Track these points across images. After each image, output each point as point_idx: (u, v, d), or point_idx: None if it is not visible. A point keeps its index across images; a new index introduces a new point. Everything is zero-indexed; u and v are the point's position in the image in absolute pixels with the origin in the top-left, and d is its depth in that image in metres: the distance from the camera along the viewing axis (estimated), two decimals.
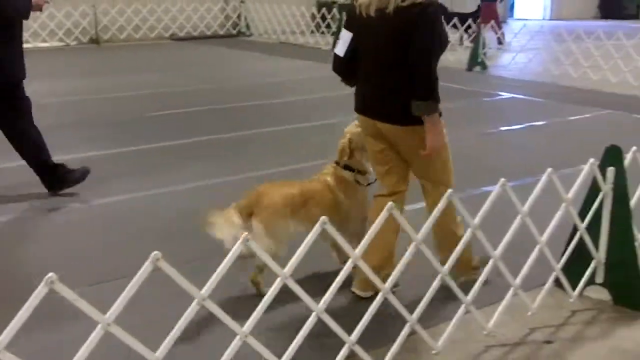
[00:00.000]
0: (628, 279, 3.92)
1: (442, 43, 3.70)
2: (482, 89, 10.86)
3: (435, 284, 3.18)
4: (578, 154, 7.03)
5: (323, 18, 16.53)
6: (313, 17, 17.03)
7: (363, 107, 3.92)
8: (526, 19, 23.02)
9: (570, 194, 3.72)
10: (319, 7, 17.56)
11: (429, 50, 3.57)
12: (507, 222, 3.51)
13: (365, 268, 2.90)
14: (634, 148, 4.09)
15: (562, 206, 3.71)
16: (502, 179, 3.42)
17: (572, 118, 8.88)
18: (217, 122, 8.53)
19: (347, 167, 4.14)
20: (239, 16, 17.67)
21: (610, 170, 3.85)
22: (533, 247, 3.61)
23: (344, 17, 4.20)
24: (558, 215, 3.70)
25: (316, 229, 2.66)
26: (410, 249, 3.04)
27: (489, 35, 13.23)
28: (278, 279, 2.63)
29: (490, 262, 3.46)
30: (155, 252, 2.24)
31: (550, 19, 24.33)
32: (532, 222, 3.52)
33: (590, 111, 9.22)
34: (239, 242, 2.47)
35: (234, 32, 17.62)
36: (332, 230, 2.74)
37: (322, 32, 16.60)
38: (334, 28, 15.88)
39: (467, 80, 11.53)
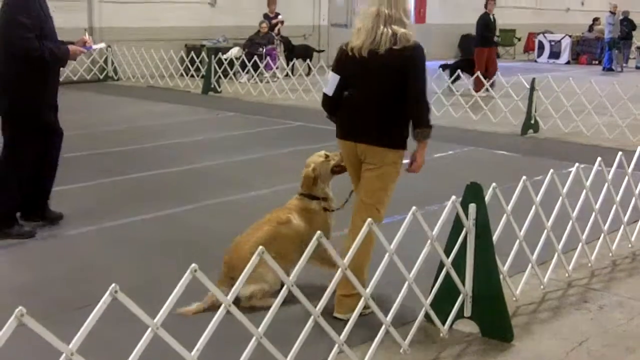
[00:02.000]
0: (494, 311, 4.07)
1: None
2: None
3: (309, 324, 3.19)
4: (443, 191, 7.28)
5: (192, 61, 16.46)
6: (182, 60, 16.93)
7: (349, 133, 4.41)
8: None
9: (435, 231, 3.84)
10: (188, 50, 17.46)
11: (424, 88, 4.26)
12: (377, 260, 3.57)
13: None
14: (494, 184, 4.27)
15: (427, 243, 3.81)
16: (369, 219, 3.48)
17: (437, 155, 9.17)
18: (82, 169, 8.24)
19: (312, 197, 4.58)
20: (105, 60, 17.31)
21: (472, 207, 4.00)
22: (404, 283, 3.68)
23: (336, 57, 4.52)
24: (424, 252, 3.81)
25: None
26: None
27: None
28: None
29: (362, 301, 3.51)
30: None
31: None
32: (402, 258, 3.60)
33: (454, 148, 9.58)
34: None
35: (101, 76, 17.24)
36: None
37: (192, 76, 16.50)
38: (203, 71, 15.81)
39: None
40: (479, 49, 15.40)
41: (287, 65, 16.66)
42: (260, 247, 2.95)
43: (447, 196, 6.96)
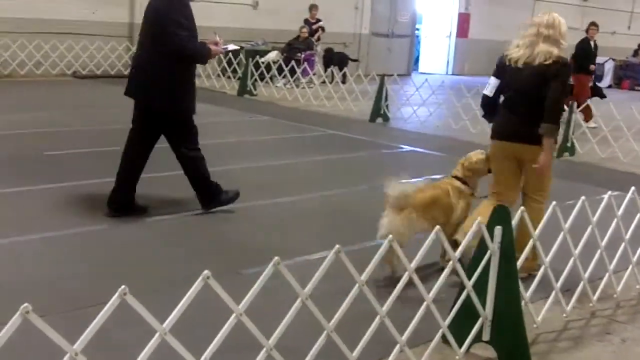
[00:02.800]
0: (513, 337, 3.97)
1: None
2: (383, 140, 11.02)
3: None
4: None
5: (229, 63, 16.51)
6: (219, 61, 17.00)
7: (502, 133, 5.34)
8: (429, 73, 23.65)
9: (457, 253, 3.76)
10: (226, 52, 17.55)
11: (563, 94, 5.16)
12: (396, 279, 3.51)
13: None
14: (522, 208, 4.19)
15: (449, 264, 3.74)
16: (390, 237, 3.41)
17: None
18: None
19: (464, 182, 5.41)
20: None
21: (498, 229, 3.91)
22: (422, 302, 3.61)
23: (497, 65, 5.43)
24: (445, 273, 3.73)
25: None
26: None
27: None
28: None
29: (377, 319, 3.45)
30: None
31: (453, 74, 25.06)
32: (422, 277, 3.54)
33: None
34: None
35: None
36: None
37: (229, 77, 16.57)
38: (240, 73, 15.86)
39: (368, 131, 11.68)
40: (581, 77, 13.59)
41: (325, 72, 16.63)
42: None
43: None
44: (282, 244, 5.87)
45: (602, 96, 14.32)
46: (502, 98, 5.37)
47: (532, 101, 5.09)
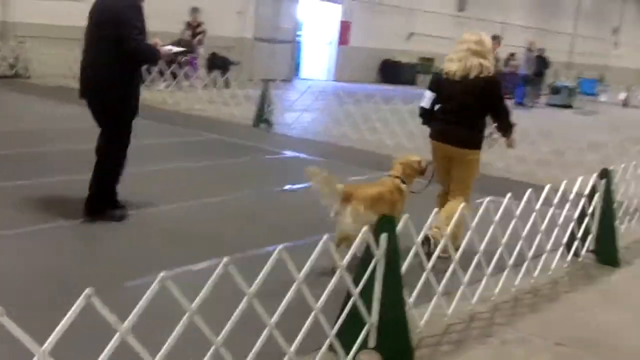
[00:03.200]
0: (398, 342, 4.05)
1: None
2: (267, 146, 11.01)
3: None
4: None
5: None
6: None
7: (441, 135, 6.16)
8: (311, 79, 23.85)
9: (345, 261, 3.79)
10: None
11: (503, 102, 6.20)
12: (287, 287, 3.50)
13: None
14: (407, 215, 4.27)
15: (337, 272, 3.77)
16: (280, 246, 3.40)
17: (352, 178, 9.18)
18: None
19: (403, 182, 6.00)
20: (16, 57, 16.76)
21: (383, 237, 3.98)
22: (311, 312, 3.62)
23: (432, 80, 6.52)
24: (333, 281, 3.75)
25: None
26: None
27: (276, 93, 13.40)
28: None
29: (266, 330, 3.43)
30: None
31: (334, 81, 25.38)
32: (309, 284, 3.54)
33: (369, 172, 9.60)
34: None
35: (11, 73, 16.66)
36: None
37: None
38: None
39: (252, 136, 11.66)
40: None
41: (208, 76, 16.46)
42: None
43: None
44: (172, 253, 5.76)
45: None
46: (437, 106, 6.23)
47: (468, 110, 5.98)
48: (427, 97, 6.23)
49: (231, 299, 3.30)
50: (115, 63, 6.09)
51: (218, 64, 18.08)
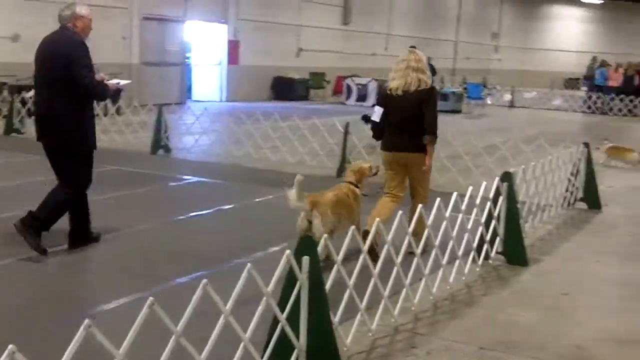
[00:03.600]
0: None
1: None
2: (168, 173, 10.83)
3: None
4: (268, 237, 7.30)
5: None
6: None
7: (393, 146, 6.84)
8: (204, 101, 23.65)
9: (270, 287, 3.75)
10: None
11: (436, 112, 6.79)
12: (212, 321, 3.43)
13: None
14: (325, 235, 4.27)
15: (262, 300, 3.72)
16: (204, 281, 3.32)
17: (258, 200, 9.16)
18: None
19: (356, 186, 6.79)
20: None
21: (306, 260, 3.96)
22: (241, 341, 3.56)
23: (379, 96, 7.33)
24: (260, 310, 3.71)
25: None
26: None
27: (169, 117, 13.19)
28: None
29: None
30: None
31: (227, 101, 25.26)
32: (238, 314, 3.48)
33: (275, 192, 9.55)
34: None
35: None
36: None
37: None
38: (4, 111, 14.88)
39: (152, 164, 11.41)
40: None
41: (98, 105, 15.99)
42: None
43: (273, 242, 7.02)
44: (90, 292, 5.57)
45: None
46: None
47: (414, 120, 6.68)
48: (377, 113, 6.88)
49: (159, 336, 3.21)
50: (71, 102, 6.32)
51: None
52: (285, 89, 27.33)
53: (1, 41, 18.02)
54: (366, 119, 7.75)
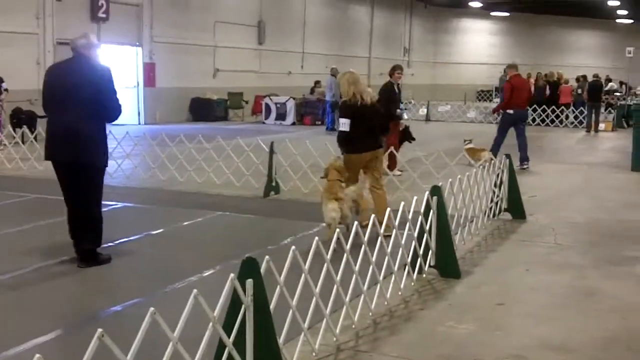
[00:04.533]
0: None
1: None
2: None
3: None
4: (200, 260, 7.23)
5: None
6: None
7: (365, 147, 8.29)
8: (122, 124, 23.24)
9: (216, 312, 3.72)
10: None
11: (383, 118, 8.83)
12: (158, 349, 3.38)
13: None
14: (267, 257, 4.26)
15: (209, 326, 3.69)
16: (152, 309, 3.27)
17: (187, 223, 9.06)
18: None
19: (341, 180, 8.05)
20: None
21: (249, 282, 3.95)
22: None
23: (344, 108, 8.47)
24: (207, 335, 3.68)
25: None
26: None
27: None
28: None
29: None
30: None
31: (145, 124, 24.92)
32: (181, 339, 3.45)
33: (203, 214, 9.50)
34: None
35: None
36: None
37: None
38: None
39: None
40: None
41: (15, 132, 15.53)
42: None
43: (206, 266, 6.96)
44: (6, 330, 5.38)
45: (411, 139, 14.24)
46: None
47: (375, 125, 8.36)
48: (346, 124, 8.17)
49: None
50: (98, 123, 6.90)
51: (25, 119, 17.18)
52: (203, 110, 27.17)
53: None
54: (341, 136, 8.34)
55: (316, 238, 4.86)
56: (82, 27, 22.31)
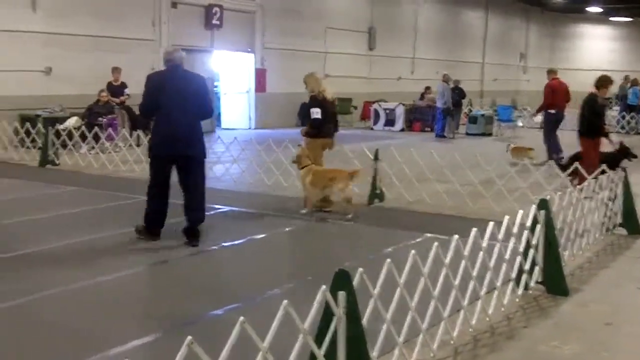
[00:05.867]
0: None
1: None
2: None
3: None
4: (299, 267, 7.25)
5: (27, 132, 15.64)
6: (16, 131, 16.06)
7: (330, 133, 10.43)
8: (233, 129, 23.75)
9: (307, 324, 3.68)
10: (22, 120, 16.58)
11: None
12: (249, 357, 3.37)
13: None
14: (360, 269, 4.18)
15: (299, 337, 3.65)
16: (241, 318, 3.26)
17: (289, 229, 9.10)
18: None
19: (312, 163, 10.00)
20: None
21: (342, 295, 3.89)
22: None
23: (309, 104, 10.55)
24: (298, 346, 3.64)
25: None
26: None
27: None
28: None
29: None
30: None
31: (255, 128, 25.33)
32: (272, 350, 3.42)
33: (305, 220, 9.52)
34: None
35: None
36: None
37: (28, 147, 15.67)
38: (40, 143, 15.03)
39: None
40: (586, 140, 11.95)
41: (131, 135, 16.10)
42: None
43: (303, 273, 6.96)
44: (106, 330, 5.52)
45: (632, 157, 12.78)
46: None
47: (333, 116, 10.71)
48: (318, 112, 10.16)
49: None
50: (200, 124, 8.23)
51: (139, 122, 17.78)
52: (309, 115, 27.29)
53: (36, 75, 18.26)
54: (306, 114, 10.84)
55: (412, 251, 4.74)
56: (197, 33, 23.03)
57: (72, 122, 16.60)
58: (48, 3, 18.38)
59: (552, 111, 15.71)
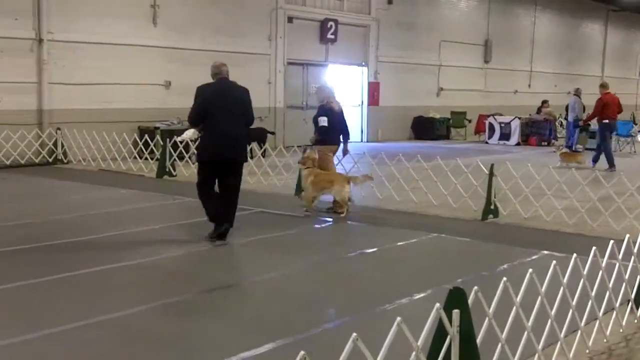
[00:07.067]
0: None
1: None
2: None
3: None
4: (412, 282, 7.18)
5: (146, 144, 16.26)
6: (135, 143, 16.72)
7: (338, 141, 11.31)
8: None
9: (420, 341, 3.65)
10: (141, 132, 17.28)
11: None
12: None
13: None
14: (475, 288, 4.12)
15: (412, 354, 3.62)
16: (354, 335, 3.27)
17: (401, 243, 9.05)
18: (24, 264, 7.83)
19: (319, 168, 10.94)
20: (55, 143, 16.98)
21: (456, 313, 3.83)
22: None
23: (317, 113, 11.34)
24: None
25: None
26: None
27: None
28: None
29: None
30: None
31: (368, 141, 25.40)
32: None
33: (417, 235, 9.45)
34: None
35: (50, 159, 16.87)
36: None
37: (146, 158, 16.27)
38: (157, 154, 15.58)
39: (297, 206, 11.51)
40: None
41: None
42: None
43: (416, 288, 6.89)
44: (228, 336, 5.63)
45: None
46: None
47: (342, 125, 11.40)
48: (325, 121, 10.97)
49: None
50: (244, 128, 9.02)
51: (255, 135, 18.16)
52: (425, 128, 27.23)
53: (156, 88, 18.99)
54: (316, 123, 11.18)
55: (530, 270, 4.63)
56: (312, 47, 23.35)
57: (189, 134, 17.02)
58: (168, 18, 19.11)
59: (606, 120, 17.42)
